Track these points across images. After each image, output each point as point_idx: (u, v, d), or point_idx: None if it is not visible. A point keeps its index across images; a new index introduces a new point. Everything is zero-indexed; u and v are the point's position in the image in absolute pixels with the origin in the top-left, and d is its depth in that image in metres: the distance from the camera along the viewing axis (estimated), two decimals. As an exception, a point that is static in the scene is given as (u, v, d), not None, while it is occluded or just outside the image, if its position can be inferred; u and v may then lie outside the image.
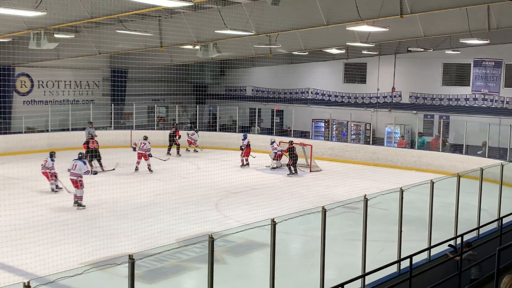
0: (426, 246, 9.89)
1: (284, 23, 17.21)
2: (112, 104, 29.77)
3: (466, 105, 28.09)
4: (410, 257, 8.67)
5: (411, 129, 28.81)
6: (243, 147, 24.17)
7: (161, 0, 10.54)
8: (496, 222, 11.55)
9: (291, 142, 22.82)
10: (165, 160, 23.83)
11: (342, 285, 7.38)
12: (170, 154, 26.51)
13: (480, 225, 11.38)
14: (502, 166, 12.66)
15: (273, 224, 7.20)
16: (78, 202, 16.15)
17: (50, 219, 14.12)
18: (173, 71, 30.78)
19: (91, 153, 21.42)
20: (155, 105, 31.16)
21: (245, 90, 35.83)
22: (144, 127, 30.24)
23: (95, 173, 17.73)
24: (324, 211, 7.85)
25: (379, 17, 14.67)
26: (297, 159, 22.58)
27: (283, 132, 30.88)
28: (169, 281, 11.08)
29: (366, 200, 8.65)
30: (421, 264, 9.56)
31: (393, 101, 30.31)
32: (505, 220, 11.53)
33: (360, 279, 8.48)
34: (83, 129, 26.13)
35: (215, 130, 30.27)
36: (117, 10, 14.57)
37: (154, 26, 20.27)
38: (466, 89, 28.19)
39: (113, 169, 19.81)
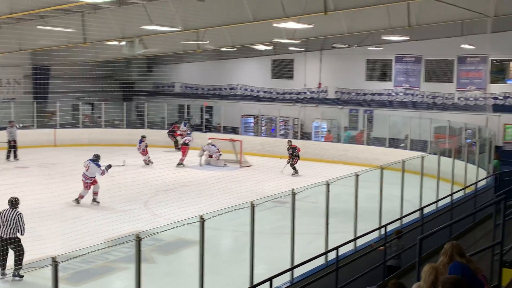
0: (352, 237, 10.18)
1: (211, 19, 17.19)
2: (35, 103, 28.79)
3: (389, 99, 29.03)
4: (337, 248, 8.90)
5: (337, 123, 29.49)
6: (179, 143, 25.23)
7: (83, -5, 10.26)
8: (418, 212, 12.01)
9: (289, 142, 23.17)
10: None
11: (270, 279, 7.49)
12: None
13: (403, 215, 11.81)
14: (423, 158, 13.19)
15: (202, 221, 7.21)
16: (94, 198, 16.93)
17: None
18: (98, 68, 30.10)
19: None
20: (80, 103, 30.38)
21: (174, 86, 35.52)
22: (69, 125, 29.42)
23: (110, 166, 17.42)
24: (252, 206, 7.93)
25: (304, 14, 14.91)
26: (299, 158, 22.66)
27: (213, 128, 30.85)
28: (97, 282, 10.87)
29: (293, 194, 8.81)
30: (348, 255, 9.83)
31: (320, 97, 30.90)
32: (426, 210, 12.02)
33: (289, 272, 8.64)
34: (4, 128, 25.12)
35: (143, 127, 29.85)
36: (38, 6, 14.13)
37: (77, 21, 19.72)
38: (389, 84, 29.13)
39: (123, 165, 19.15)
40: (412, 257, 9.37)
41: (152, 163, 23.68)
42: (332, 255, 9.25)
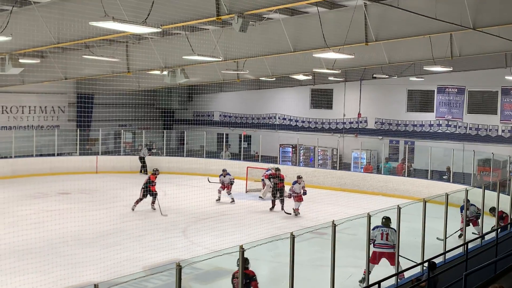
0: (393, 272, 9.94)
1: (252, 50, 17.35)
2: (78, 130, 29.41)
3: (430, 131, 28.63)
4: (379, 283, 8.69)
5: (377, 154, 29.15)
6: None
7: (128, 26, 10.50)
8: (461, 247, 11.68)
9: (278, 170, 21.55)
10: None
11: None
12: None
13: (446, 250, 11.49)
14: (467, 191, 12.87)
15: (242, 250, 7.15)
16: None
17: (13, 248, 13.76)
18: (140, 96, 30.63)
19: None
20: (122, 131, 30.90)
21: (213, 115, 35.85)
22: (111, 153, 29.91)
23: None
24: (292, 237, 7.83)
25: (345, 45, 14.90)
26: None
27: (251, 157, 30.88)
28: (136, 310, 10.85)
29: (334, 226, 8.68)
30: (389, 290, 9.60)
31: (359, 127, 30.70)
32: (470, 245, 11.68)
33: (329, 305, 8.46)
34: (49, 155, 25.71)
35: (183, 156, 30.10)
36: (83, 36, 14.47)
37: (121, 51, 20.19)
38: (430, 115, 28.76)
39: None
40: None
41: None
42: (373, 289, 9.03)
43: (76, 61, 20.98)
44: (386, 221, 12.04)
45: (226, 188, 21.68)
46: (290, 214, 19.85)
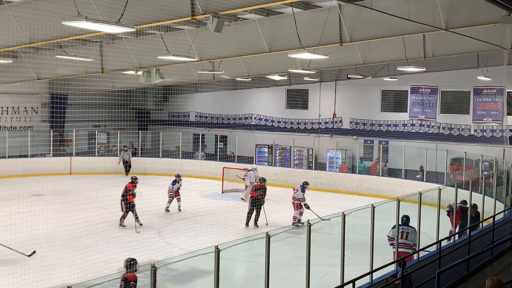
0: (368, 270, 10.02)
1: (227, 50, 17.34)
2: (51, 131, 29.06)
3: (404, 130, 28.94)
4: (353, 281, 8.76)
5: (352, 154, 29.38)
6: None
7: (102, 26, 10.40)
8: (435, 245, 11.83)
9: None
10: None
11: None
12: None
13: (420, 248, 11.63)
14: (440, 190, 13.01)
15: (217, 251, 7.14)
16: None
17: (-15, 251, 13.55)
18: (114, 97, 30.37)
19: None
20: (96, 131, 30.62)
21: (189, 115, 35.73)
22: (85, 154, 29.62)
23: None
24: (268, 237, 7.85)
25: (320, 45, 14.99)
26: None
27: (227, 158, 30.86)
28: (111, 312, 10.76)
29: (309, 225, 8.72)
30: (364, 288, 9.68)
31: (334, 127, 30.90)
32: (443, 243, 11.84)
33: (305, 304, 8.50)
34: (22, 156, 25.33)
35: (158, 156, 29.95)
36: (56, 35, 14.32)
37: (95, 51, 20.02)
38: (404, 115, 29.09)
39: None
40: (430, 291, 9.21)
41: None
42: (348, 288, 9.10)
43: (49, 61, 20.71)
44: (406, 219, 12.14)
45: (176, 195, 20.17)
46: (258, 227, 17.85)
